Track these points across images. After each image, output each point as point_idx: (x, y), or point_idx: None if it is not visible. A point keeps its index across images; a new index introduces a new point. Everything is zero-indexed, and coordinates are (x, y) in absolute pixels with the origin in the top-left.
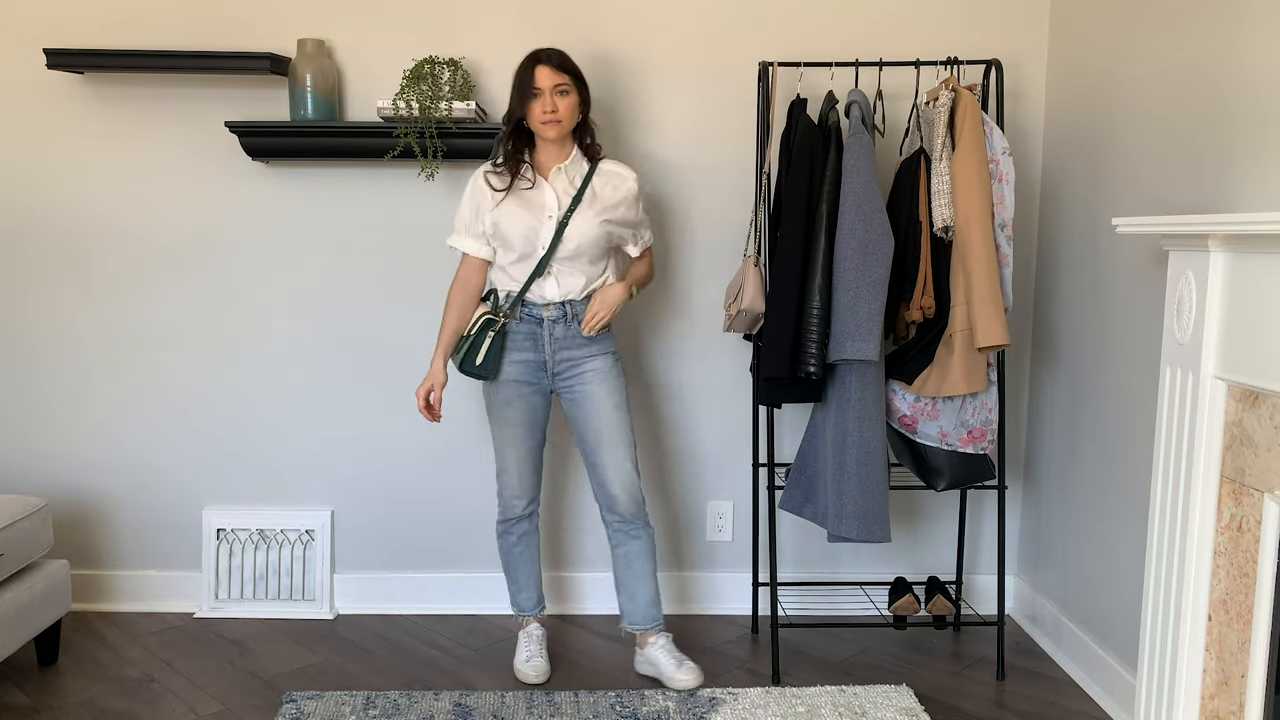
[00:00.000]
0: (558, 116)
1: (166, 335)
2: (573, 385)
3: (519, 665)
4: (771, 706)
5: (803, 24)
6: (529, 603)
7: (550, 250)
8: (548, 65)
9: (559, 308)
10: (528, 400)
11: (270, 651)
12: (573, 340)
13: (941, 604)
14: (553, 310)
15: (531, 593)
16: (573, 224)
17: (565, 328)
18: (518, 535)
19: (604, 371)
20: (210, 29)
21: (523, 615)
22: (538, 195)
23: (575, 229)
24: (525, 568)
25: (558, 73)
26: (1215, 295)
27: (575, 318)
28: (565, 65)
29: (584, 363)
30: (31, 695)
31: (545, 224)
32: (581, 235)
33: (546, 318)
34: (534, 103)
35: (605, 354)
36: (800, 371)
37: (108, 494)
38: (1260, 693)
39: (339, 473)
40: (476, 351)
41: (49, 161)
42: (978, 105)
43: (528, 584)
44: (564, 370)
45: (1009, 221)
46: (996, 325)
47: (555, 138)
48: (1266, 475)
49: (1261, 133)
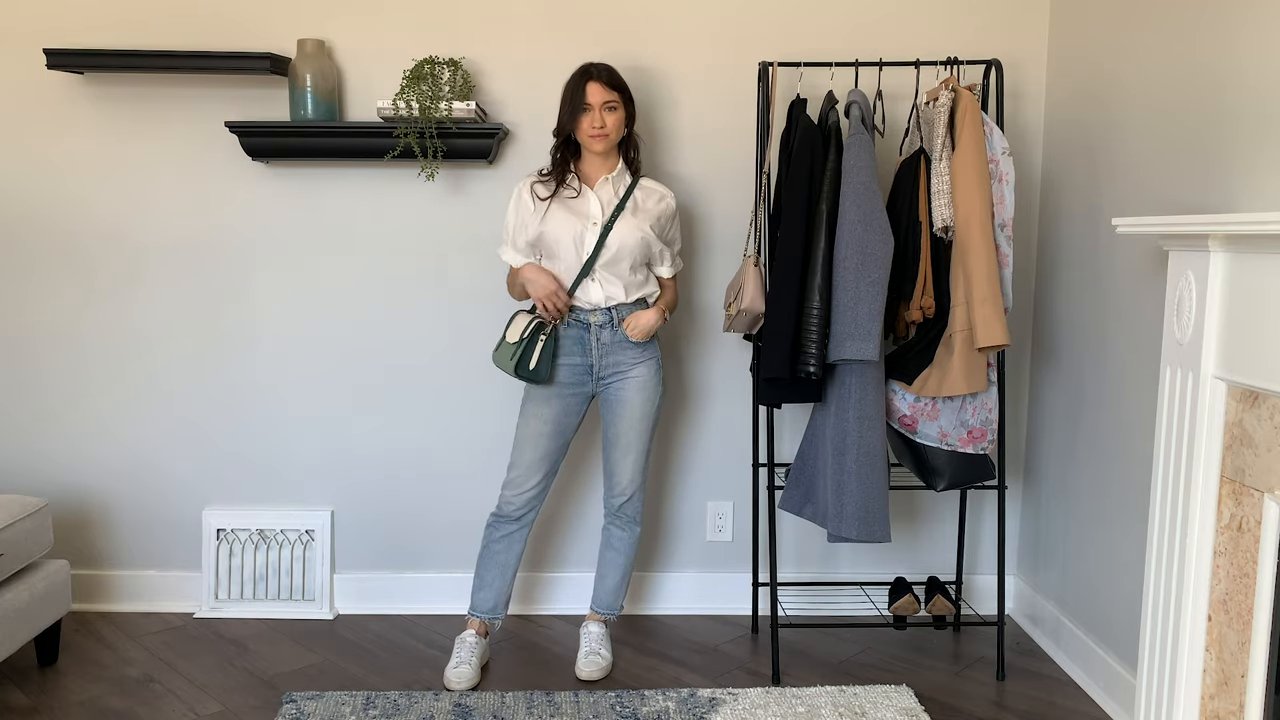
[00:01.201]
0: (605, 131)
1: (167, 335)
2: (612, 388)
3: (446, 671)
4: (771, 706)
5: (803, 24)
6: (484, 604)
7: (594, 255)
8: (598, 81)
9: (604, 313)
10: (566, 401)
11: (270, 651)
12: (619, 346)
13: (941, 604)
14: (599, 315)
15: (490, 595)
16: (615, 230)
17: (611, 333)
18: (502, 534)
19: (644, 380)
20: (211, 29)
21: (472, 615)
22: (582, 204)
23: (618, 234)
24: (496, 569)
25: (608, 89)
26: (1215, 295)
27: (621, 323)
28: (615, 82)
29: (630, 369)
30: (31, 695)
31: (590, 230)
32: (623, 240)
33: (594, 323)
34: (583, 117)
35: (649, 360)
36: (800, 371)
37: (108, 494)
38: (1260, 693)
39: (339, 473)
40: (530, 355)
41: (49, 161)
42: (977, 105)
43: (491, 584)
44: (609, 374)
45: (1009, 221)
46: (996, 325)
47: (602, 151)
48: (1266, 475)
49: (1262, 133)
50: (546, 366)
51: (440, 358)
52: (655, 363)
